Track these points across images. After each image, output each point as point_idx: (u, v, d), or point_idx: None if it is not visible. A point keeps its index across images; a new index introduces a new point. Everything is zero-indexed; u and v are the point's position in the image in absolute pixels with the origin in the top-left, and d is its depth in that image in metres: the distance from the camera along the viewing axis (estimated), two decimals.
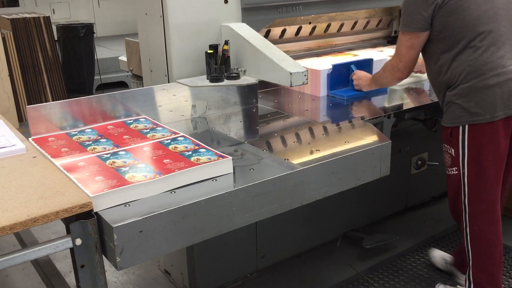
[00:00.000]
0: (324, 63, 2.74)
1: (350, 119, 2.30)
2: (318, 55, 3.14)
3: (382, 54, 2.99)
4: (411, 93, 2.71)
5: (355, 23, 3.25)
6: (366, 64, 2.71)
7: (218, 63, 2.35)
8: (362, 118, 2.24)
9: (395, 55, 2.31)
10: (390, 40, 3.54)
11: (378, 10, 3.33)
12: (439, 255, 2.87)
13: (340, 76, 2.64)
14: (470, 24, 2.08)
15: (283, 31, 2.94)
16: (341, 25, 3.19)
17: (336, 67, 2.61)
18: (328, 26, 3.13)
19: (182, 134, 1.90)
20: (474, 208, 2.24)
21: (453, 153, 2.25)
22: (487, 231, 2.26)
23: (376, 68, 2.75)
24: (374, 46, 3.42)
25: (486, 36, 2.08)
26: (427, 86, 2.74)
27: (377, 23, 3.40)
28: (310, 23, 3.03)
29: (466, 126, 2.16)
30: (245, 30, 2.41)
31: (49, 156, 1.68)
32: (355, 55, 3.03)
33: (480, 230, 2.26)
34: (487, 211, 2.24)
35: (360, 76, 2.59)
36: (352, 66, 2.65)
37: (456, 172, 2.25)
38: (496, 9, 2.09)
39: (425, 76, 2.57)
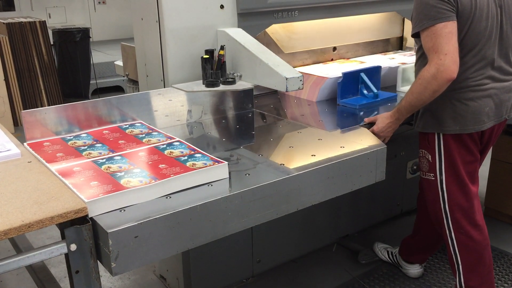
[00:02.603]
0: (329, 70, 2.72)
1: (346, 124, 2.31)
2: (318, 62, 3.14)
3: (385, 58, 2.98)
4: None
5: None
6: (374, 72, 2.62)
7: (214, 68, 2.36)
8: (358, 123, 2.24)
9: (433, 54, 1.96)
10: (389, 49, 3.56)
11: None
12: (383, 247, 2.98)
13: (350, 85, 2.54)
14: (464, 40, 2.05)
15: None
16: None
17: (346, 75, 2.51)
18: None
19: (177, 139, 1.89)
20: (456, 213, 2.25)
21: (430, 158, 2.26)
22: (473, 233, 2.26)
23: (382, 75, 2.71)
24: (370, 52, 3.44)
25: (473, 54, 2.06)
26: None
27: None
28: None
29: (441, 134, 2.18)
30: (241, 35, 2.41)
31: (44, 161, 1.68)
32: (362, 62, 3.01)
33: (466, 234, 2.26)
34: (469, 215, 2.25)
35: (379, 127, 2.18)
36: (362, 74, 2.55)
37: (434, 178, 2.26)
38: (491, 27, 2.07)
39: None
